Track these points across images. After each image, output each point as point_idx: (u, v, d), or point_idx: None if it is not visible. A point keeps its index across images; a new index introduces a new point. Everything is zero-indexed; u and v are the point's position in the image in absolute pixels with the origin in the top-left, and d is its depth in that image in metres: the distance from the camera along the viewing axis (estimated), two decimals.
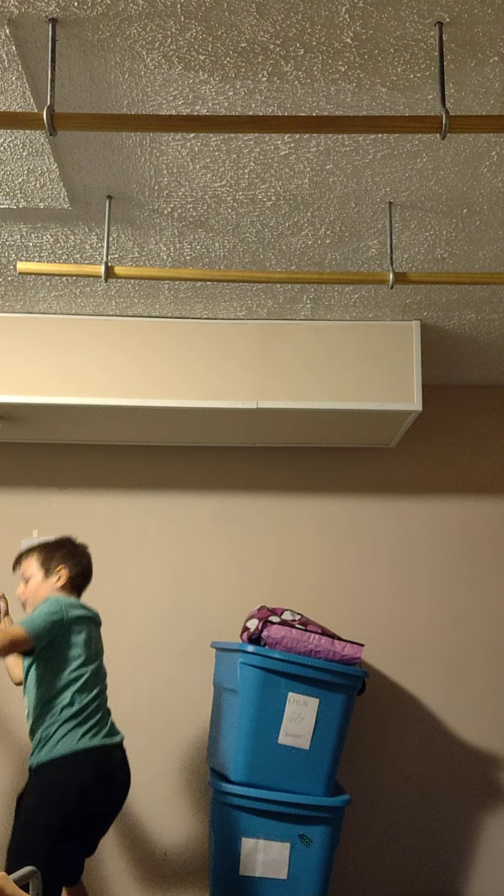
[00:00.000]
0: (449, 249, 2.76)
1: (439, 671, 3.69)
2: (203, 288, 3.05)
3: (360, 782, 3.55)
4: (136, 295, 3.11)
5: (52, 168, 2.34)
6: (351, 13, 1.78)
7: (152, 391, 3.20)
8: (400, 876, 3.56)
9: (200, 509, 3.76)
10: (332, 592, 3.71)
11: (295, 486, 3.79)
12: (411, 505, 3.81)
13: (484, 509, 3.81)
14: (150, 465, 3.77)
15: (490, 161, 2.29)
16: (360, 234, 2.68)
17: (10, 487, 3.74)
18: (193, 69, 1.95)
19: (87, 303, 3.18)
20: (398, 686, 3.68)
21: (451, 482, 3.83)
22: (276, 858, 3.01)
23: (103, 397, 3.19)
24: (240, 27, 1.82)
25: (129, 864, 3.52)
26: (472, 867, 3.59)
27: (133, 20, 1.81)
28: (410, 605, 3.73)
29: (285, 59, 1.91)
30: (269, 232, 2.68)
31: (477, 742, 3.65)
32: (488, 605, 3.74)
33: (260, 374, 3.22)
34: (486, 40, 1.85)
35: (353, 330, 3.27)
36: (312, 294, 3.08)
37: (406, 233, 2.67)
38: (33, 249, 2.81)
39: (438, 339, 3.38)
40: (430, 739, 3.65)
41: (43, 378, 3.19)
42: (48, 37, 1.83)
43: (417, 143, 2.22)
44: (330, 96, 2.03)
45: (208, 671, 3.49)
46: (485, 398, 3.90)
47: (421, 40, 1.85)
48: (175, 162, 2.32)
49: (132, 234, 2.71)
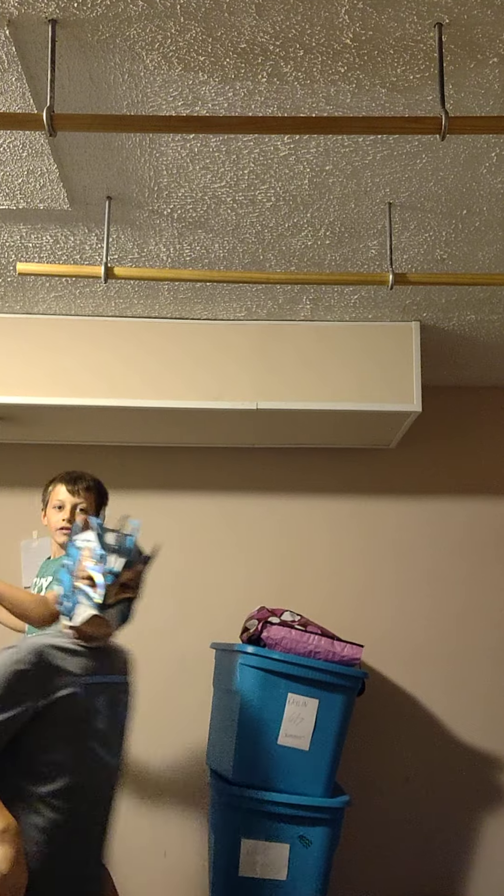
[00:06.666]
0: (448, 250, 2.76)
1: (439, 671, 3.69)
2: (203, 289, 3.05)
3: (360, 783, 3.55)
4: (136, 296, 3.11)
5: (51, 169, 2.34)
6: (350, 14, 1.78)
7: (152, 392, 3.20)
8: (400, 876, 3.56)
9: (200, 510, 3.76)
10: (331, 592, 3.71)
11: (295, 487, 3.79)
12: (411, 505, 3.81)
13: (484, 510, 3.81)
14: (149, 465, 3.77)
15: (489, 162, 2.29)
16: (360, 234, 2.68)
17: (10, 487, 3.74)
18: (193, 70, 1.95)
19: (86, 304, 3.18)
20: (398, 687, 3.68)
21: (451, 483, 3.83)
22: (276, 859, 3.01)
23: (103, 398, 3.19)
24: (239, 28, 1.82)
25: (128, 864, 3.52)
26: (472, 867, 3.59)
27: (133, 21, 1.81)
28: (410, 605, 3.73)
29: (285, 60, 1.91)
30: (268, 233, 2.68)
31: (477, 743, 3.65)
32: (488, 605, 3.74)
33: (260, 375, 3.22)
34: (485, 41, 1.85)
35: (353, 331, 3.27)
36: (312, 295, 3.08)
37: (406, 233, 2.67)
38: (33, 250, 2.81)
39: (438, 339, 3.38)
40: (430, 740, 3.65)
41: (43, 379, 3.19)
42: (48, 38, 1.83)
43: (417, 144, 2.22)
44: (329, 97, 2.03)
45: (210, 672, 3.49)
46: (485, 399, 3.90)
47: (420, 41, 1.86)
48: (175, 163, 2.32)
49: (132, 234, 2.71)
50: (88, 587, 2.12)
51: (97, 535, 2.18)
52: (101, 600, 2.10)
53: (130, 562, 2.18)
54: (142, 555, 2.24)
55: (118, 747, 2.22)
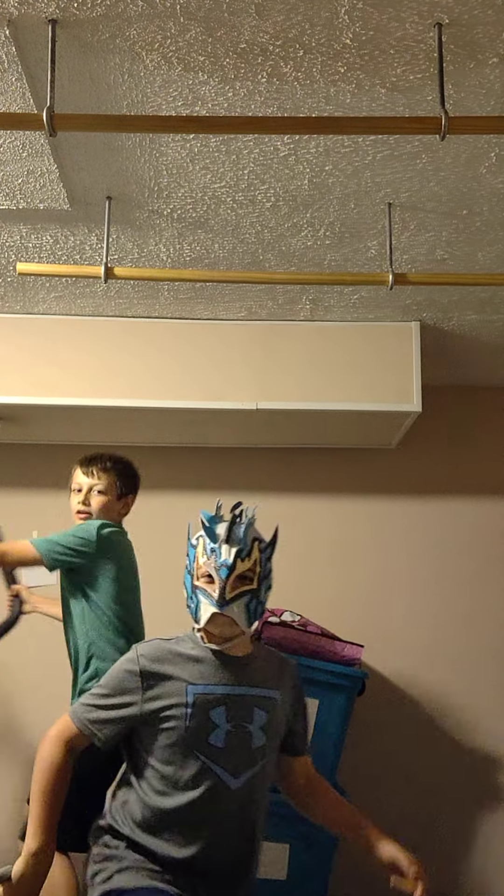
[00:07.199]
0: (449, 250, 2.76)
1: (439, 671, 3.68)
2: (203, 289, 3.05)
3: (360, 782, 3.55)
4: (136, 296, 3.11)
5: (51, 169, 2.34)
6: (350, 14, 1.78)
7: (152, 392, 3.20)
8: None
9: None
10: (330, 592, 3.70)
11: (294, 487, 3.79)
12: (411, 505, 3.81)
13: (484, 510, 3.81)
14: (149, 465, 3.75)
15: (490, 162, 2.29)
16: (360, 234, 2.68)
17: (10, 487, 3.74)
18: (193, 70, 1.95)
19: (86, 304, 3.18)
20: (398, 686, 3.68)
21: (452, 483, 3.83)
22: (276, 859, 3.00)
23: (103, 398, 3.19)
24: (239, 28, 1.82)
25: None
26: (472, 867, 3.58)
27: (133, 21, 1.81)
28: (410, 605, 3.73)
29: (285, 60, 1.91)
30: (268, 233, 2.68)
31: (477, 742, 3.65)
32: (487, 605, 3.74)
33: (260, 375, 3.22)
34: (485, 41, 1.85)
35: (353, 331, 3.27)
36: (312, 295, 3.08)
37: (406, 234, 2.67)
38: (33, 250, 2.81)
39: (438, 339, 3.38)
40: (430, 739, 3.65)
41: (43, 379, 3.19)
42: (48, 38, 1.83)
43: (417, 144, 2.22)
44: (329, 97, 2.03)
45: None
46: (485, 399, 3.90)
47: (420, 41, 1.85)
48: (175, 163, 2.32)
49: (132, 234, 2.71)
50: (206, 585, 1.99)
51: (206, 529, 2.04)
52: (218, 596, 1.95)
53: (244, 550, 2.00)
54: (260, 542, 2.06)
55: (245, 768, 1.95)
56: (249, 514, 2.05)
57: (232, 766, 1.93)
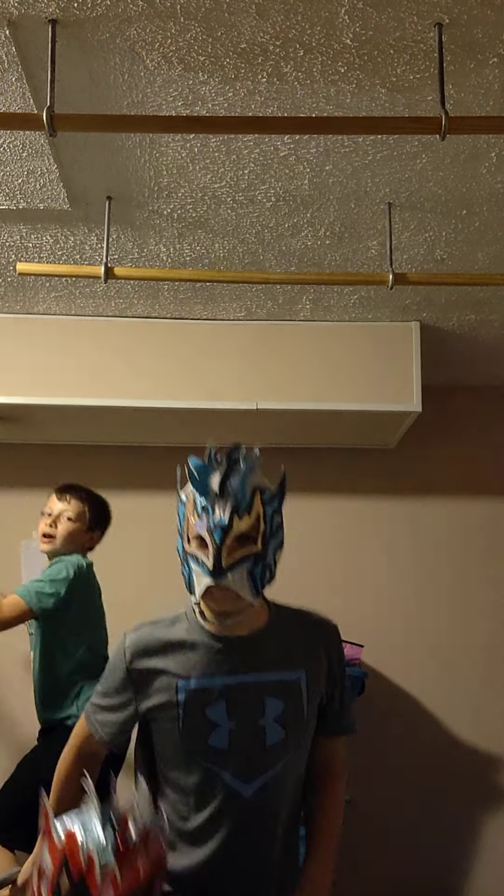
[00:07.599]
0: (448, 250, 2.76)
1: (439, 672, 3.68)
2: (203, 289, 3.05)
3: (360, 782, 3.55)
4: (136, 296, 3.11)
5: (51, 169, 2.34)
6: (350, 14, 1.78)
7: (152, 392, 3.20)
8: (399, 875, 3.55)
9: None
10: (330, 593, 3.70)
11: (294, 487, 3.76)
12: (411, 505, 3.81)
13: (484, 510, 3.81)
14: (150, 465, 3.77)
15: (489, 162, 2.29)
16: (360, 234, 2.68)
17: (10, 487, 3.74)
18: (193, 70, 1.95)
19: (86, 304, 3.18)
20: (398, 686, 3.68)
21: (451, 483, 3.83)
22: None
23: (103, 398, 3.19)
24: (239, 28, 1.82)
25: None
26: (472, 867, 3.58)
27: (133, 21, 1.81)
28: (409, 605, 3.73)
29: (285, 60, 1.91)
30: (268, 233, 2.68)
31: (477, 742, 3.65)
32: (487, 605, 3.74)
33: (260, 375, 3.22)
34: (485, 41, 1.85)
35: (353, 331, 3.27)
36: (312, 295, 3.08)
37: (406, 234, 2.67)
38: (33, 250, 2.81)
39: (438, 339, 3.38)
40: (430, 739, 3.65)
41: (43, 379, 3.19)
42: (48, 38, 1.83)
43: (417, 144, 2.22)
44: (329, 97, 2.03)
45: None
46: (485, 399, 3.90)
47: (420, 41, 1.85)
48: (175, 163, 2.32)
49: (132, 234, 2.71)
50: (199, 550, 1.62)
51: (196, 482, 1.66)
52: (213, 565, 1.59)
53: (242, 505, 1.62)
54: (263, 492, 1.69)
55: (258, 771, 1.65)
56: (249, 459, 1.69)
57: (242, 769, 1.64)
